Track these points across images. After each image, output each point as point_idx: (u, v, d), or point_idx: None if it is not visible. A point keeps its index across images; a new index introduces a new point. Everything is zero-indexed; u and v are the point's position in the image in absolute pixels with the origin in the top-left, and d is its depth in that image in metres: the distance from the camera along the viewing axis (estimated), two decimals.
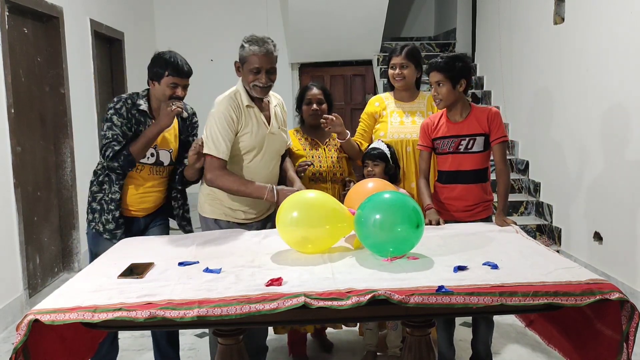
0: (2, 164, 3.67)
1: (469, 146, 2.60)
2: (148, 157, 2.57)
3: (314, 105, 2.90)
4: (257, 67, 2.45)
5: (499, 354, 3.05)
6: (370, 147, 2.85)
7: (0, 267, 3.60)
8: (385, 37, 7.11)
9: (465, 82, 2.58)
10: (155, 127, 2.49)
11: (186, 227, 2.79)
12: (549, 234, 4.86)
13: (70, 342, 1.91)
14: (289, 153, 2.84)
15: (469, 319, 3.27)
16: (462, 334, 3.13)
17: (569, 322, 2.06)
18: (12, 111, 3.75)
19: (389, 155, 2.77)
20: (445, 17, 7.93)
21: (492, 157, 2.68)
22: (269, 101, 2.63)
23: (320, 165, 2.86)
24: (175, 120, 2.65)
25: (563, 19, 4.60)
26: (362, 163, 2.85)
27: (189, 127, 2.73)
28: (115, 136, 2.47)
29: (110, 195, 2.56)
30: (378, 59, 7.14)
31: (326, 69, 7.73)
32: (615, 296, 1.66)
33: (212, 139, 2.46)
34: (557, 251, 3.67)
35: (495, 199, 2.67)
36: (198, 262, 2.03)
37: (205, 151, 2.48)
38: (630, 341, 1.71)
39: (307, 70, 7.73)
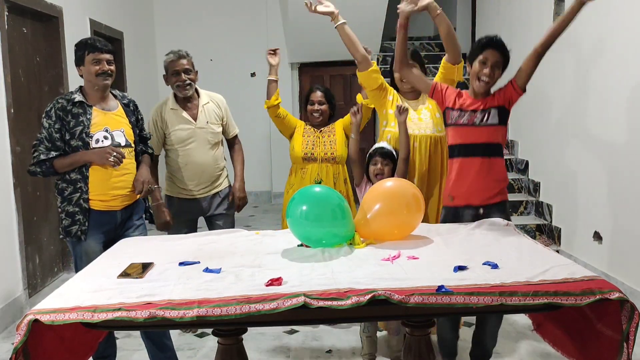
0: (2, 164, 3.67)
1: (485, 118, 2.61)
2: (102, 141, 2.62)
3: (316, 106, 3.39)
4: (175, 70, 3.06)
5: (499, 353, 3.05)
6: (378, 145, 2.83)
7: (0, 267, 3.60)
8: (385, 37, 7.10)
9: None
10: (85, 156, 2.58)
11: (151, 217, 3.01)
12: (548, 234, 4.86)
13: (70, 341, 1.91)
14: (233, 142, 3.42)
15: (468, 318, 3.27)
16: (463, 334, 3.12)
17: (570, 322, 2.06)
18: (12, 111, 3.75)
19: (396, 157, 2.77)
20: None
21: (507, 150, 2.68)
22: (198, 101, 3.18)
23: (312, 148, 3.33)
24: (119, 105, 2.75)
25: None
26: (369, 159, 2.82)
27: (133, 111, 2.83)
28: (41, 139, 2.58)
29: (74, 187, 2.59)
30: (378, 59, 7.13)
31: (326, 69, 7.71)
32: (615, 296, 1.67)
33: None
34: (557, 251, 3.67)
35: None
36: (199, 262, 2.03)
37: None
38: (630, 341, 1.71)
39: (307, 70, 7.71)
